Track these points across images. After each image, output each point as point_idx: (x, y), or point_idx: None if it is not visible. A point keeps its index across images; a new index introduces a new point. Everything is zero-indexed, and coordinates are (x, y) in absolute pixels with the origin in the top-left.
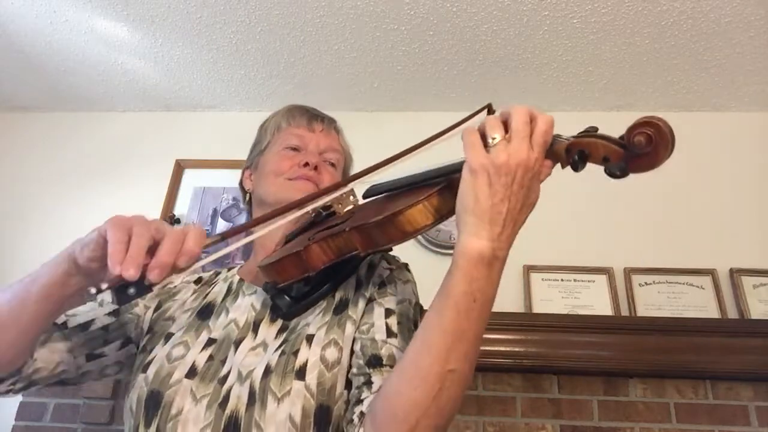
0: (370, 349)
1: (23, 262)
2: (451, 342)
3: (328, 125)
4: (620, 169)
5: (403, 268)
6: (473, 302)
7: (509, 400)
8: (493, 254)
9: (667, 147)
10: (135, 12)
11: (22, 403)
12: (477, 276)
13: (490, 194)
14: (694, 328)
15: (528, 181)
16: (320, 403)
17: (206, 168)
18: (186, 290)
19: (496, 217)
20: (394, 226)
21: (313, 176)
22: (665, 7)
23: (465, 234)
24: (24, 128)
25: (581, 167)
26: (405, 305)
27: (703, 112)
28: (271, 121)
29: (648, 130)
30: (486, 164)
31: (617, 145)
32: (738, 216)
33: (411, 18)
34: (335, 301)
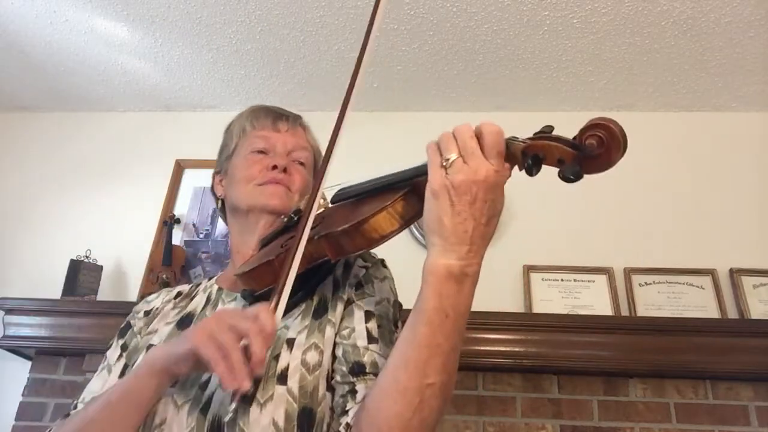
0: (352, 356)
1: (23, 262)
2: (426, 356)
3: (293, 124)
4: (574, 173)
5: (379, 265)
6: (445, 317)
7: (509, 400)
8: (461, 271)
9: (619, 148)
10: (135, 12)
11: (22, 403)
12: (447, 293)
13: (452, 215)
14: (694, 328)
15: (491, 195)
16: (303, 406)
17: (206, 168)
18: (168, 306)
19: (462, 237)
20: (361, 234)
21: (283, 179)
22: (665, 7)
23: (432, 254)
24: (24, 128)
25: (536, 171)
26: (384, 305)
27: (703, 112)
28: (235, 124)
29: (599, 132)
30: (446, 185)
31: (571, 147)
32: (738, 216)
33: (411, 18)
34: (314, 304)
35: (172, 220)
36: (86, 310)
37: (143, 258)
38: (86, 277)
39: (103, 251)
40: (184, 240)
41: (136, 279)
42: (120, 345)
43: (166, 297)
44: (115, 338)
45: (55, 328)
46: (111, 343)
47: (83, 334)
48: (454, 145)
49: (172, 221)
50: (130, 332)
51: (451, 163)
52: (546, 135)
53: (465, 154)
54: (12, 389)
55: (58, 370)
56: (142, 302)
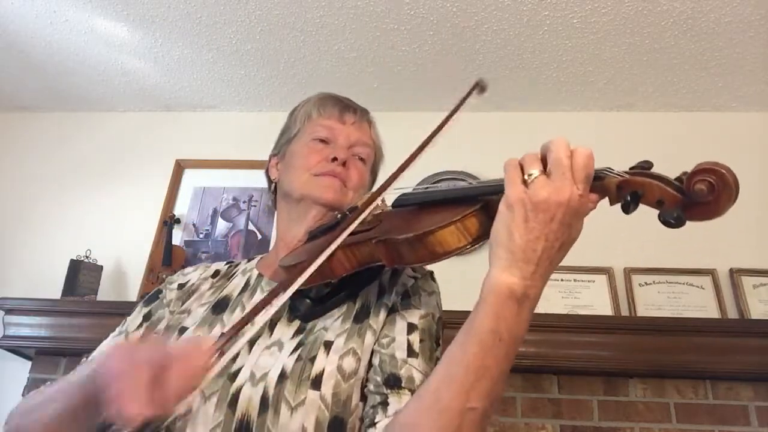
0: (389, 367)
1: (23, 262)
2: (473, 379)
3: (360, 117)
4: (675, 219)
5: (428, 278)
6: (499, 341)
7: (509, 400)
8: (524, 293)
9: (730, 198)
10: (135, 12)
11: None
12: (505, 314)
13: (525, 231)
14: (694, 328)
15: (569, 218)
16: (335, 415)
17: (206, 168)
18: (204, 284)
19: (530, 255)
20: (424, 246)
21: (340, 173)
22: (665, 7)
23: (496, 269)
24: (24, 128)
25: (633, 209)
26: (428, 320)
27: (703, 112)
28: (301, 108)
29: (710, 178)
30: (524, 200)
31: (675, 189)
32: (738, 216)
33: (411, 18)
34: (356, 308)
35: (172, 220)
36: (86, 310)
37: (143, 258)
38: (86, 277)
39: (103, 251)
40: (184, 240)
41: (136, 279)
42: (143, 313)
43: (204, 273)
44: (140, 305)
45: (55, 328)
46: (136, 307)
47: (83, 334)
48: (538, 163)
49: (172, 221)
50: (157, 302)
51: (534, 179)
52: (647, 172)
53: (553, 170)
54: (12, 389)
55: (58, 370)
56: (178, 274)
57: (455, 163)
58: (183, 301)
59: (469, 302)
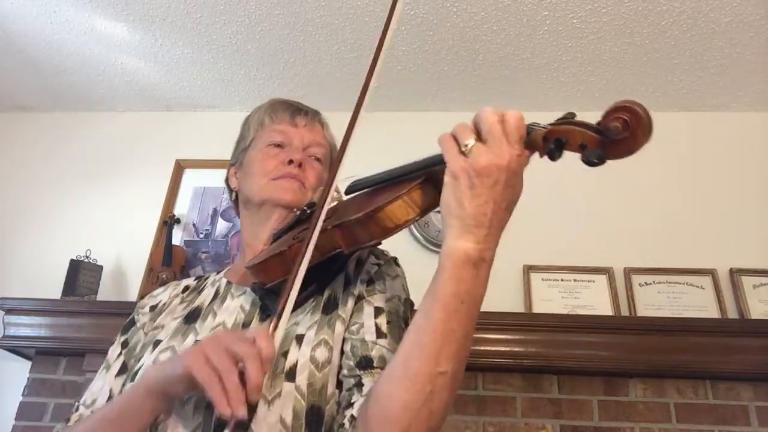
0: (360, 350)
1: (23, 262)
2: (440, 343)
3: (311, 119)
4: (597, 156)
5: (392, 263)
6: (461, 303)
7: (509, 400)
8: (479, 255)
9: (645, 132)
10: (135, 12)
11: (22, 403)
12: (464, 277)
13: (472, 197)
14: (694, 328)
15: (512, 179)
16: (311, 404)
17: (206, 168)
18: (175, 300)
19: (481, 219)
20: (375, 223)
21: (297, 174)
22: (665, 7)
23: (450, 237)
24: (24, 128)
25: (558, 155)
26: (394, 302)
27: (703, 112)
28: (254, 116)
29: (624, 115)
30: (467, 168)
31: (594, 131)
32: (738, 216)
33: (411, 18)
34: (324, 299)
35: (172, 220)
36: (86, 310)
37: (143, 258)
38: (86, 277)
39: (103, 251)
40: (184, 240)
41: (136, 279)
42: (121, 342)
43: (174, 291)
44: (118, 335)
45: (55, 328)
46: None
47: (83, 334)
48: (470, 132)
49: (172, 221)
50: (132, 329)
51: (470, 148)
52: (568, 120)
53: (488, 138)
54: (12, 389)
55: (58, 370)
56: (147, 297)
57: None
58: (155, 320)
59: None
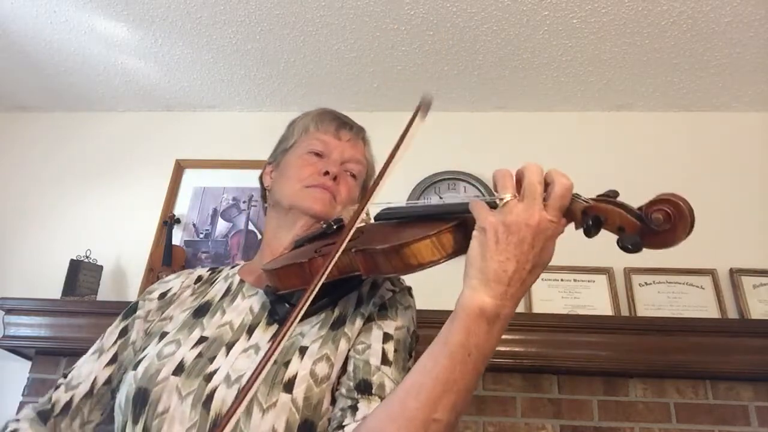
0: (362, 373)
1: (23, 262)
2: (440, 391)
3: (355, 135)
4: (633, 244)
5: (406, 293)
6: (468, 356)
7: (509, 400)
8: (495, 312)
9: (686, 228)
10: (135, 12)
11: (22, 403)
12: (476, 331)
13: (496, 252)
14: (694, 328)
15: (540, 241)
16: (305, 418)
17: (206, 168)
18: (186, 291)
19: (501, 276)
20: (399, 257)
21: (330, 186)
22: (665, 7)
23: (468, 288)
24: (24, 128)
25: (594, 233)
26: (403, 332)
27: (703, 112)
28: (300, 121)
29: (668, 208)
30: (495, 222)
31: (635, 217)
32: (738, 216)
33: (411, 18)
34: (334, 316)
35: (172, 220)
36: (86, 310)
37: (143, 258)
38: (86, 277)
39: (103, 251)
40: (184, 240)
41: (136, 279)
42: (120, 329)
43: (186, 281)
44: (118, 319)
45: (55, 328)
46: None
47: (83, 334)
48: (510, 185)
49: (172, 221)
50: (133, 316)
51: (505, 203)
52: (610, 200)
53: (526, 195)
54: (12, 389)
55: (58, 370)
56: (158, 282)
57: (455, 163)
58: (164, 309)
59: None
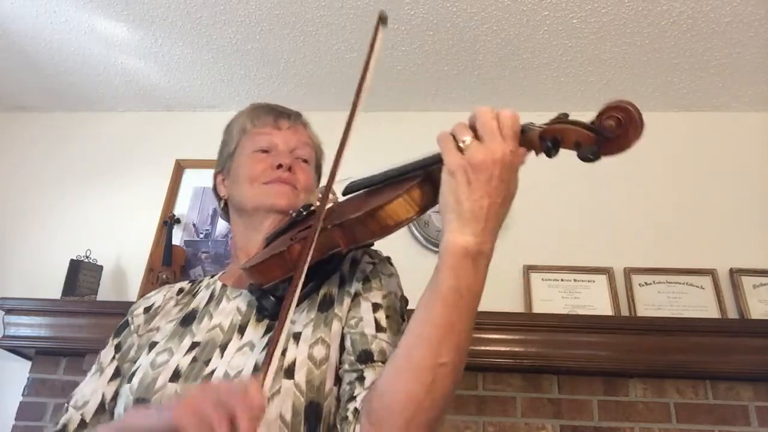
0: (359, 344)
1: (23, 262)
2: (441, 335)
3: (294, 121)
4: (592, 153)
5: (386, 262)
6: (460, 297)
7: (509, 400)
8: (477, 249)
9: (637, 129)
10: (135, 12)
11: (22, 403)
12: (463, 271)
13: (469, 192)
14: (694, 328)
15: (506, 174)
16: (310, 400)
17: (206, 168)
18: (170, 303)
19: (478, 213)
20: (375, 221)
21: (288, 178)
22: (665, 7)
23: (449, 232)
24: (24, 128)
25: (554, 153)
26: (391, 298)
27: (703, 112)
28: (235, 122)
29: (618, 114)
30: (464, 164)
31: (588, 130)
32: (738, 216)
33: (411, 18)
34: (319, 298)
35: (172, 220)
36: (86, 310)
37: (143, 258)
38: (86, 277)
39: (103, 251)
40: (184, 240)
41: (136, 279)
42: (114, 345)
43: (168, 294)
44: (111, 337)
45: (55, 328)
46: (107, 342)
47: (83, 334)
48: (467, 130)
49: (172, 221)
50: (126, 331)
51: (468, 145)
52: (563, 119)
53: (484, 134)
54: (12, 389)
55: (58, 370)
56: (141, 299)
57: None
58: (149, 322)
59: None
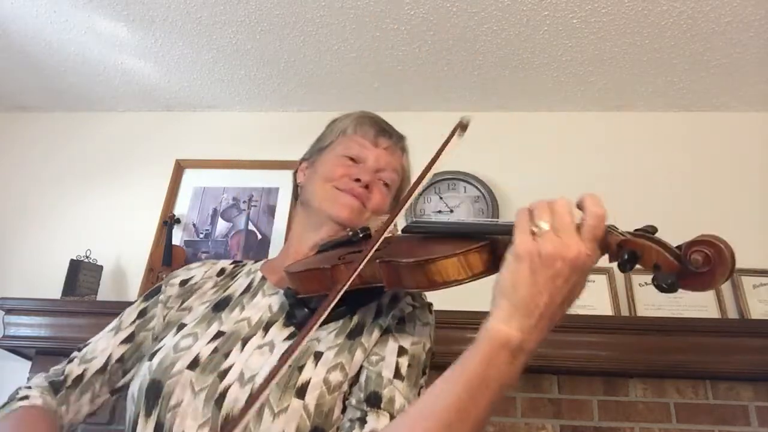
0: (373, 384)
1: (23, 262)
2: (452, 420)
3: (394, 143)
4: (669, 283)
5: (426, 309)
6: (486, 388)
7: (509, 400)
8: (519, 345)
9: (725, 272)
10: (135, 12)
11: None
12: (497, 363)
13: (530, 284)
14: (694, 328)
15: (575, 276)
16: (315, 425)
17: (206, 168)
18: (208, 283)
19: (532, 308)
20: (424, 273)
21: (361, 194)
22: (665, 7)
23: (495, 318)
24: (24, 128)
25: (629, 268)
26: (419, 348)
27: (703, 112)
28: (340, 121)
29: (708, 250)
30: (533, 252)
31: (673, 256)
32: (738, 216)
33: (411, 18)
34: (351, 325)
35: (172, 220)
36: (86, 310)
37: (143, 258)
38: (86, 277)
39: (103, 251)
40: (184, 240)
41: (136, 279)
42: (139, 310)
43: (208, 271)
44: (140, 299)
45: (55, 328)
46: (136, 301)
47: (83, 334)
48: (548, 216)
49: (172, 221)
50: (154, 299)
51: (543, 232)
52: (649, 236)
53: (559, 228)
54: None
55: None
56: (183, 269)
57: (455, 163)
58: (184, 299)
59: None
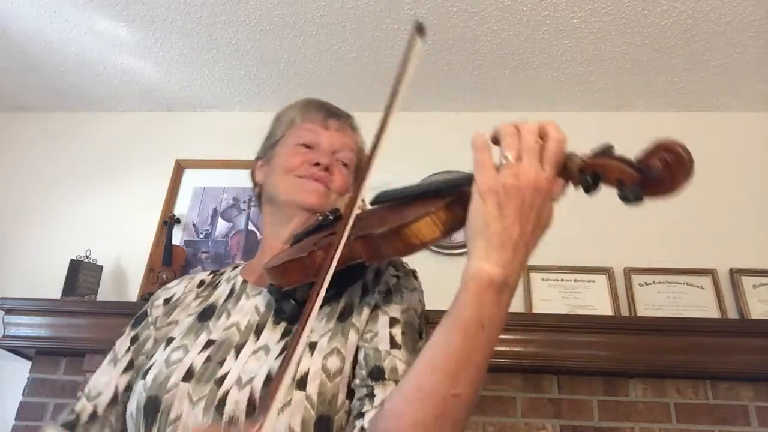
0: (373, 360)
1: (23, 262)
2: (457, 367)
3: (343, 122)
4: (634, 194)
5: (410, 276)
6: (481, 328)
7: (509, 400)
8: (503, 280)
9: (685, 174)
10: (135, 12)
11: (22, 403)
12: (486, 302)
13: (500, 218)
14: (694, 328)
15: (540, 202)
16: (320, 414)
17: (206, 168)
18: (190, 295)
19: (506, 242)
20: (400, 238)
21: (323, 177)
22: (665, 7)
23: (475, 258)
24: (24, 128)
25: (594, 189)
26: (410, 314)
27: (703, 112)
28: (285, 113)
29: (666, 155)
30: (496, 187)
31: (633, 168)
32: (738, 216)
33: (411, 18)
34: (340, 307)
35: (172, 220)
36: (86, 310)
37: (143, 258)
38: (86, 277)
39: (103, 251)
40: (184, 240)
41: (136, 279)
42: (131, 337)
43: (188, 285)
44: (129, 327)
45: (55, 328)
46: (124, 331)
47: (83, 334)
48: (515, 144)
49: (172, 221)
50: (144, 323)
51: (506, 165)
52: (607, 154)
53: (524, 154)
54: (12, 389)
55: (58, 370)
56: (161, 289)
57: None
58: (169, 314)
59: None
